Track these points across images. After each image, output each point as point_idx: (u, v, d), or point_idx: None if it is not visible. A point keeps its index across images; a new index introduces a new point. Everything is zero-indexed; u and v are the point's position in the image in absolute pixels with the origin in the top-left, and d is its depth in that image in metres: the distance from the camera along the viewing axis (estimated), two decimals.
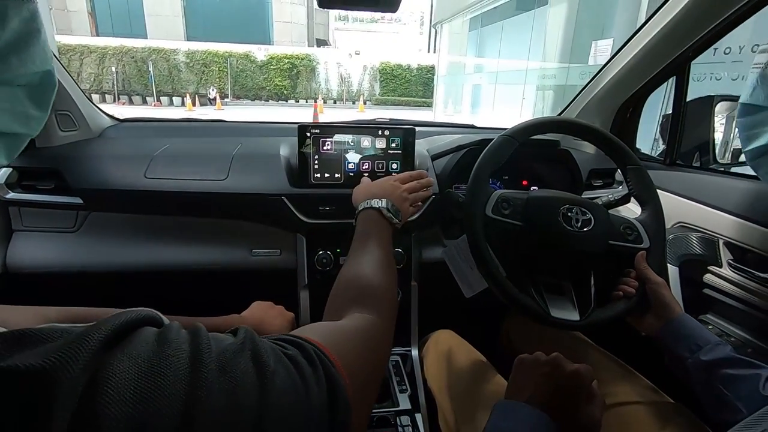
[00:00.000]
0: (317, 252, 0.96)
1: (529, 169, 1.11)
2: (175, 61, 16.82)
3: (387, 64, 18.54)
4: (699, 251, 0.95)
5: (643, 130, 1.28)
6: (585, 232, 0.76)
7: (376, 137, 0.98)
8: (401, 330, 1.01)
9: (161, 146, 1.02)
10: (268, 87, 17.67)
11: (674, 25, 0.90)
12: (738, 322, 0.91)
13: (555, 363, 0.55)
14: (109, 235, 0.93)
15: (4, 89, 0.27)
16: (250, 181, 0.95)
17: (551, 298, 0.78)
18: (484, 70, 11.27)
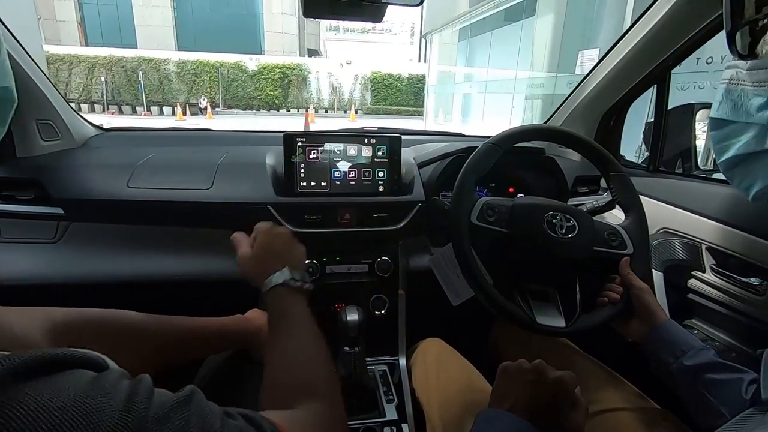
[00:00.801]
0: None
1: (516, 177, 1.11)
2: (165, 70, 16.80)
3: (378, 74, 18.69)
4: (683, 256, 0.96)
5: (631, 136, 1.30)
6: (569, 238, 0.77)
7: (363, 146, 0.98)
8: (389, 339, 1.00)
9: (146, 155, 1.02)
10: (259, 96, 17.69)
11: (653, 35, 0.91)
12: (722, 326, 0.92)
13: (538, 370, 0.55)
14: (91, 246, 0.92)
15: None
16: (235, 190, 0.94)
17: (537, 305, 0.78)
18: (474, 80, 11.40)
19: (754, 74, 0.32)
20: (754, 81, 0.32)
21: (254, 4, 21.35)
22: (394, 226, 0.98)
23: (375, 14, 0.86)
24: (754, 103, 0.32)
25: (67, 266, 0.89)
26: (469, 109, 11.68)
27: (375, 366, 0.96)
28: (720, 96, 0.37)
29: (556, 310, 0.78)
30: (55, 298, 0.90)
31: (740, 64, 0.34)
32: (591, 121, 1.20)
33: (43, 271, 0.88)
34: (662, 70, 1.01)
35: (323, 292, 0.97)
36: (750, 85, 0.33)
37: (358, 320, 0.81)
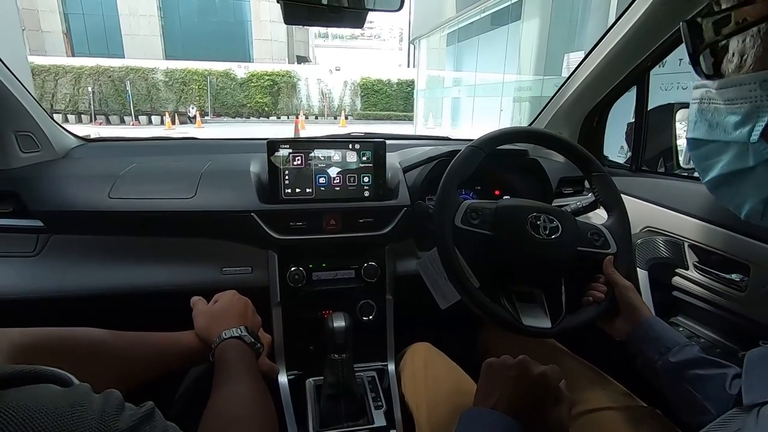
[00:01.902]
0: (289, 268, 0.94)
1: (500, 180, 1.12)
2: (153, 80, 16.71)
3: (367, 80, 18.78)
4: (666, 254, 0.97)
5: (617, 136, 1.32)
6: (553, 239, 0.77)
7: (348, 151, 0.98)
8: (377, 344, 1.00)
9: (128, 165, 1.00)
10: (248, 104, 17.66)
11: (630, 37, 0.93)
12: (706, 323, 0.93)
13: (522, 365, 0.55)
14: (72, 259, 0.90)
15: None
16: (219, 198, 0.94)
17: (523, 307, 0.78)
18: (463, 84, 11.50)
19: (723, 93, 0.32)
20: (725, 99, 0.32)
21: (242, 12, 21.36)
22: (380, 230, 0.98)
23: (356, 20, 0.87)
24: (729, 121, 0.32)
25: (49, 280, 0.88)
26: (459, 113, 11.78)
27: (364, 372, 0.95)
28: (694, 116, 0.37)
29: (541, 311, 0.78)
30: (35, 313, 0.88)
31: (708, 84, 0.34)
32: (574, 122, 1.22)
33: (24, 285, 0.86)
34: (641, 71, 1.02)
35: (310, 298, 0.97)
36: (722, 104, 0.33)
37: (344, 326, 0.81)
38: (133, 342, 0.63)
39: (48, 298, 0.87)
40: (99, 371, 0.56)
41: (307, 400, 0.87)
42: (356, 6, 0.77)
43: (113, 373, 0.58)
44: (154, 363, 0.64)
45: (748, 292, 0.81)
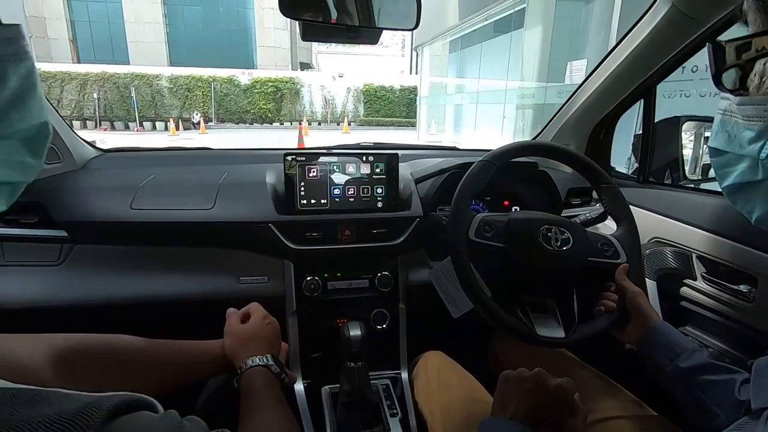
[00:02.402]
0: (305, 278, 0.96)
1: (510, 191, 1.14)
2: (158, 86, 16.85)
3: (370, 86, 18.87)
4: (674, 265, 0.98)
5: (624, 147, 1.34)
6: (564, 251, 0.79)
7: (361, 163, 1.01)
8: (390, 353, 1.02)
9: (147, 176, 1.03)
10: (252, 110, 17.77)
11: (637, 54, 0.96)
12: (715, 333, 0.94)
13: (538, 378, 0.57)
14: (94, 268, 0.92)
15: (3, 143, 0.28)
16: (237, 209, 0.96)
17: (537, 317, 0.80)
18: (465, 91, 11.55)
19: (743, 109, 0.34)
20: (743, 115, 0.35)
21: (246, 20, 21.57)
22: (394, 241, 1.00)
23: (371, 37, 0.89)
24: (746, 136, 0.34)
25: (71, 289, 0.90)
26: (461, 120, 11.82)
27: (377, 380, 0.97)
28: (716, 126, 0.39)
29: (555, 321, 0.80)
30: (59, 321, 0.90)
31: (731, 98, 0.37)
32: (581, 134, 1.24)
33: (47, 294, 0.89)
34: (648, 86, 1.05)
35: (325, 308, 0.99)
36: (741, 119, 0.35)
37: (360, 335, 0.83)
38: (165, 350, 0.65)
39: (72, 306, 0.89)
40: (134, 378, 0.58)
41: (323, 408, 0.89)
42: (372, 25, 0.80)
43: (147, 379, 0.60)
44: (184, 371, 0.66)
45: (756, 303, 0.82)
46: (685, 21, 0.85)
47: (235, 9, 21.46)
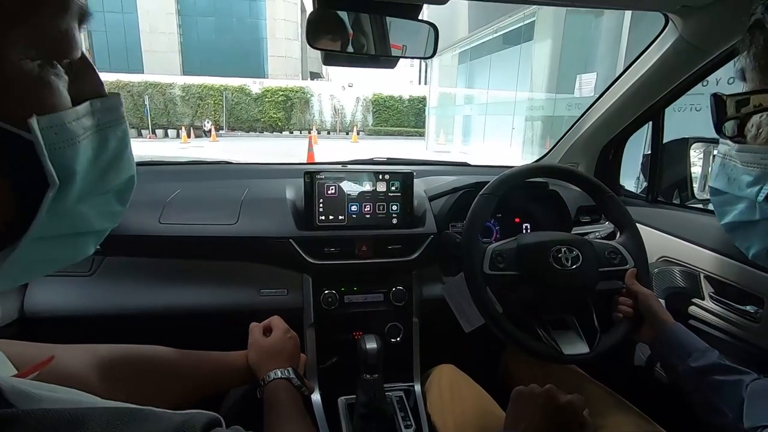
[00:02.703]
0: (323, 291, 1.00)
1: (521, 208, 1.18)
2: (171, 94, 17.14)
3: (379, 96, 19.02)
4: (682, 284, 1.01)
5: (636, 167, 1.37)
6: (575, 268, 0.83)
7: (378, 181, 1.05)
8: (404, 366, 1.05)
9: (172, 191, 1.08)
10: (262, 119, 17.99)
11: (645, 80, 0.99)
12: (723, 352, 0.95)
13: (549, 394, 0.60)
14: (123, 279, 0.97)
15: (101, 197, 0.31)
16: (259, 224, 1.00)
17: (558, 334, 0.83)
18: (474, 102, 11.60)
19: (742, 155, 0.38)
20: (742, 161, 0.38)
21: (258, 30, 21.94)
22: (408, 257, 1.04)
23: (389, 63, 0.95)
24: (744, 179, 0.37)
25: (101, 298, 0.95)
26: (470, 131, 11.86)
27: (391, 392, 1.00)
28: (717, 168, 0.43)
29: (577, 336, 0.84)
30: (90, 329, 0.95)
31: (731, 144, 0.40)
32: (590, 154, 1.27)
33: (79, 303, 0.94)
34: (656, 110, 1.08)
35: (341, 320, 1.02)
36: (740, 164, 0.38)
37: (376, 348, 0.86)
38: (194, 361, 0.69)
39: (101, 315, 0.94)
40: (168, 387, 0.62)
41: (340, 419, 0.92)
42: (391, 54, 0.85)
43: (178, 388, 0.64)
44: (210, 381, 0.70)
45: (762, 323, 0.84)
46: (692, 51, 0.88)
47: (248, 20, 21.87)
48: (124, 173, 0.32)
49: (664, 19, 0.89)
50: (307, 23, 0.75)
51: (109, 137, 0.30)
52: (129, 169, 0.33)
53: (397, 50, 0.86)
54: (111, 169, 0.30)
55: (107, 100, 0.29)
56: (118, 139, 0.31)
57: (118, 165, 0.31)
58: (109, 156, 0.30)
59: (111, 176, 0.31)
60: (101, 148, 0.29)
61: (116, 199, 0.33)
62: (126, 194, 0.34)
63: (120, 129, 0.31)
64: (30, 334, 0.91)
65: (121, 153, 0.31)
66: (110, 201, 0.32)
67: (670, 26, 0.89)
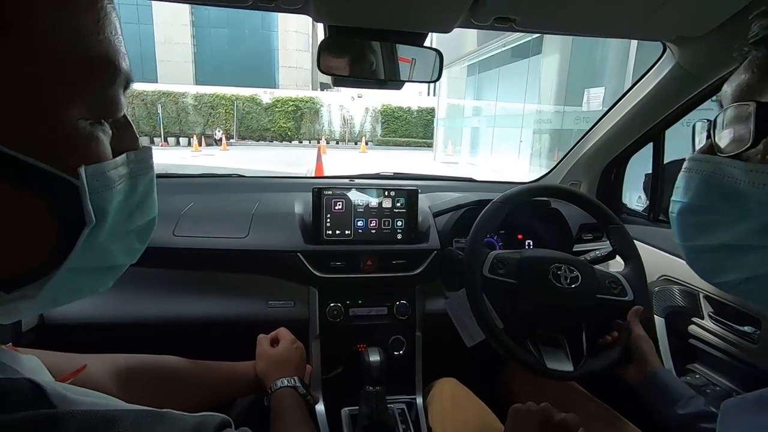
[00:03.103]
0: (328, 304, 1.03)
1: (525, 225, 1.20)
2: (183, 103, 17.42)
3: (388, 107, 19.16)
4: (682, 303, 1.02)
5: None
6: (573, 288, 0.85)
7: (383, 197, 1.08)
8: (406, 378, 1.07)
9: (186, 203, 1.12)
10: (272, 128, 18.20)
11: (645, 103, 1.02)
12: (722, 371, 0.97)
13: (545, 413, 0.63)
14: (136, 289, 1.01)
15: (126, 236, 0.34)
16: (269, 238, 1.04)
17: (547, 351, 0.85)
18: (482, 114, 11.66)
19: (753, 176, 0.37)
20: (752, 181, 0.38)
21: (270, 41, 22.32)
22: (412, 272, 1.07)
23: (396, 86, 0.98)
24: (752, 201, 0.37)
25: (117, 307, 0.99)
26: (478, 143, 11.90)
27: (393, 404, 1.02)
28: (696, 186, 0.44)
29: (564, 355, 0.85)
30: (106, 337, 0.99)
31: (728, 162, 0.40)
32: (593, 173, 1.30)
33: (96, 311, 0.97)
34: (657, 131, 1.11)
35: (346, 333, 1.05)
36: (746, 184, 0.39)
37: (380, 360, 0.89)
38: (205, 370, 0.72)
39: (117, 324, 0.98)
40: (180, 395, 0.65)
41: (343, 429, 0.95)
42: (398, 79, 0.89)
43: (189, 397, 0.67)
44: (220, 390, 0.73)
45: (760, 344, 0.85)
46: (688, 77, 0.91)
47: (260, 31, 22.27)
48: (148, 215, 0.36)
49: (662, 47, 0.92)
50: (318, 50, 0.79)
51: (138, 184, 0.33)
52: (152, 211, 0.36)
53: (407, 63, 0.90)
54: (137, 210, 0.34)
55: (140, 153, 0.33)
56: (145, 186, 0.34)
57: (143, 208, 0.35)
58: (136, 200, 0.33)
59: (136, 217, 0.34)
60: (131, 193, 0.33)
61: (137, 237, 0.36)
62: (146, 234, 0.37)
63: (147, 176, 0.34)
64: (49, 340, 0.95)
65: (146, 197, 0.35)
66: (132, 239, 0.35)
67: (667, 53, 0.92)
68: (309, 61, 22.46)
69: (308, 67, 22.65)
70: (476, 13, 0.74)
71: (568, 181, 1.36)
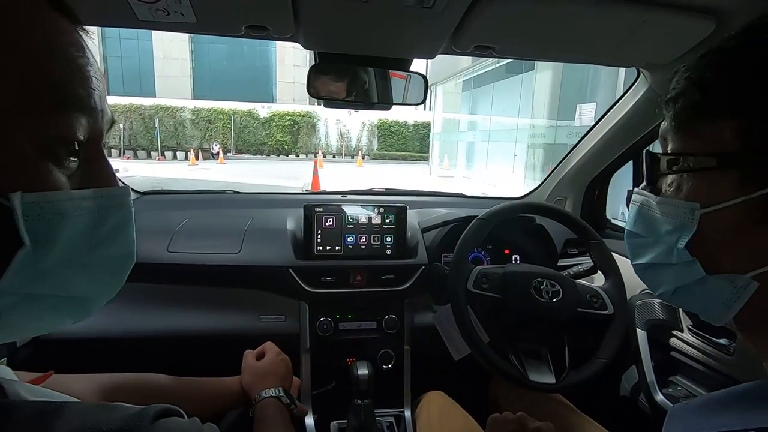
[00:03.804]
0: (319, 318, 1.05)
1: (511, 241, 1.24)
2: (181, 117, 17.54)
3: (384, 121, 19.34)
4: (663, 317, 1.05)
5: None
6: (555, 302, 0.88)
7: (373, 213, 1.11)
8: (395, 392, 1.09)
9: (180, 220, 1.15)
10: (269, 142, 18.32)
11: (622, 124, 1.07)
12: (702, 383, 1.00)
13: (520, 421, 0.65)
14: (131, 304, 1.03)
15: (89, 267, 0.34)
16: (261, 254, 1.07)
17: (530, 363, 0.88)
18: (478, 128, 11.81)
19: (664, 207, 0.44)
20: (662, 212, 0.44)
21: (268, 57, 22.60)
22: (400, 286, 1.10)
23: (385, 107, 1.03)
24: (664, 227, 0.44)
25: (109, 322, 1.00)
26: (473, 156, 12.03)
27: (382, 417, 1.04)
28: (634, 215, 0.49)
29: (546, 368, 0.88)
30: (97, 351, 1.01)
31: (650, 196, 0.46)
32: (577, 189, 1.34)
33: (88, 326, 0.99)
34: (635, 150, 1.15)
35: (336, 347, 1.07)
36: (659, 214, 0.44)
37: (368, 374, 0.91)
38: (189, 387, 0.74)
39: (108, 338, 0.99)
40: None
41: None
42: (387, 102, 0.93)
43: None
44: (206, 405, 0.75)
45: (736, 356, 0.88)
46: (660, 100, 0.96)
47: (258, 47, 22.56)
48: (119, 250, 0.36)
49: (636, 72, 0.97)
50: (308, 75, 0.84)
51: (107, 218, 0.34)
52: (125, 247, 0.36)
53: (400, 80, 0.94)
54: (103, 244, 0.34)
55: (112, 190, 0.34)
56: (118, 222, 0.35)
57: (113, 242, 0.35)
58: (104, 233, 0.34)
59: (101, 250, 0.34)
60: (96, 226, 0.33)
61: (109, 272, 0.36)
62: (120, 269, 0.37)
63: (120, 213, 0.35)
64: (44, 355, 0.96)
65: (117, 232, 0.35)
66: (102, 272, 0.35)
67: (641, 78, 0.97)
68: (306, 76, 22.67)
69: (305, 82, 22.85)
70: (457, 41, 0.78)
71: (555, 197, 1.40)
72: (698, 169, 0.39)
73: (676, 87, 0.41)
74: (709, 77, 0.38)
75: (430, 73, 14.54)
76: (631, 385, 1.09)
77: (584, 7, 0.66)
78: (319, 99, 0.88)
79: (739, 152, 0.35)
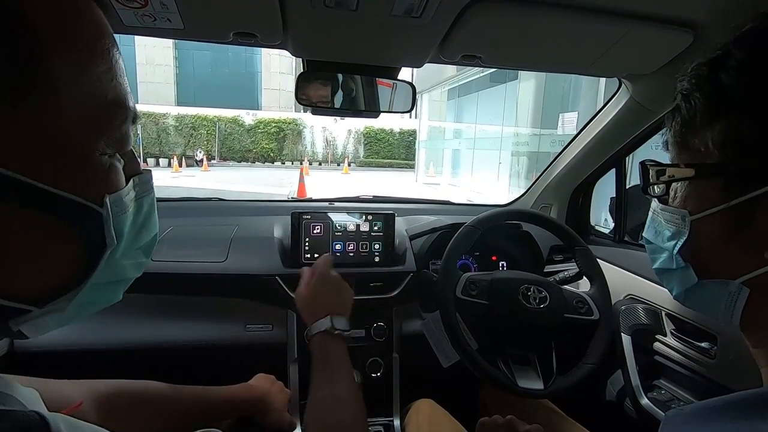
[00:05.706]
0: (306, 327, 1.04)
1: (498, 247, 1.25)
2: (164, 124, 17.32)
3: (371, 128, 19.42)
4: (647, 321, 1.07)
5: None
6: (542, 308, 0.89)
7: (361, 221, 1.11)
8: (384, 400, 1.08)
9: (165, 228, 1.13)
10: (255, 149, 18.19)
11: (605, 133, 1.10)
12: (686, 386, 1.01)
13: (510, 425, 0.65)
14: (111, 314, 1.00)
15: (134, 252, 0.37)
16: (247, 262, 1.05)
17: (518, 369, 0.88)
18: (463, 136, 11.95)
19: (663, 214, 0.45)
20: (663, 219, 0.45)
21: (253, 64, 22.56)
22: (389, 294, 1.09)
23: (373, 115, 1.03)
24: (666, 233, 0.45)
25: (90, 334, 0.98)
26: (459, 164, 12.15)
27: (371, 426, 1.03)
28: (648, 221, 0.50)
29: (534, 373, 0.88)
30: (78, 364, 0.97)
31: (656, 204, 0.47)
32: (562, 196, 1.36)
33: (68, 338, 0.96)
34: (618, 158, 1.18)
35: None
36: (663, 220, 0.46)
37: (357, 383, 0.90)
38: (186, 395, 0.72)
39: (89, 350, 0.97)
40: (161, 420, 0.66)
41: None
42: (375, 110, 0.93)
43: (170, 422, 0.67)
44: (201, 415, 0.73)
45: (717, 359, 0.90)
46: (641, 110, 0.99)
47: (243, 54, 22.49)
48: (151, 232, 0.39)
49: (618, 82, 1.00)
50: (296, 83, 0.84)
51: (143, 204, 0.37)
52: (154, 228, 0.40)
53: (387, 89, 0.94)
54: (143, 229, 0.38)
55: (143, 176, 0.37)
56: (149, 206, 0.38)
57: (148, 225, 0.38)
58: (142, 219, 0.37)
59: (143, 235, 0.38)
60: (138, 214, 0.36)
61: (143, 252, 0.39)
62: (150, 248, 0.40)
63: (150, 197, 0.38)
64: (19, 368, 0.93)
65: (149, 216, 0.38)
66: (139, 254, 0.38)
67: (623, 88, 1.00)
68: (292, 83, 22.57)
69: (291, 89, 22.65)
70: (445, 51, 0.79)
71: (540, 204, 1.42)
72: (681, 179, 0.41)
73: (675, 100, 0.42)
74: (691, 89, 0.39)
75: (415, 81, 14.61)
76: (616, 389, 1.10)
77: (569, 19, 0.68)
78: (308, 106, 0.88)
79: (720, 162, 0.37)
